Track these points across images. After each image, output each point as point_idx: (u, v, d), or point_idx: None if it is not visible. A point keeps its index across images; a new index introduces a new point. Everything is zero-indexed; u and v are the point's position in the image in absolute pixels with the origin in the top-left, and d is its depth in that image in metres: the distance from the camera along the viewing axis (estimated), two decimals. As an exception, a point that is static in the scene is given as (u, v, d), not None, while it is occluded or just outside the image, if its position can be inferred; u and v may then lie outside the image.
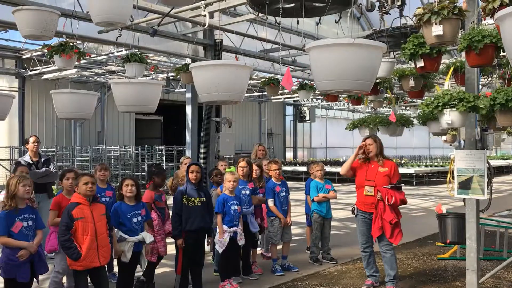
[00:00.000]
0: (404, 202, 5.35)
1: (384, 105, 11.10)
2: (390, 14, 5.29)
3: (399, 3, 5.01)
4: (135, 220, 4.86)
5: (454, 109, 4.49)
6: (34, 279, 4.36)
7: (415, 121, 8.83)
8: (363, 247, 5.57)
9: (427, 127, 7.44)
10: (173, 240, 5.30)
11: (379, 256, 5.75)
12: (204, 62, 4.74)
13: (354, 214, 5.60)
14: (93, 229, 4.23)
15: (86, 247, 4.17)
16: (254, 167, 6.23)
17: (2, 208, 4.26)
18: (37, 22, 5.01)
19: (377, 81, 7.35)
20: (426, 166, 22.49)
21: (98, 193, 5.55)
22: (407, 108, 18.41)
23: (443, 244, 7.16)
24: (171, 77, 15.77)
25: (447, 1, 4.12)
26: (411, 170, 20.01)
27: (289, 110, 27.65)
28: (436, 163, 23.94)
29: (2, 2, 6.21)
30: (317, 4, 4.66)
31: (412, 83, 6.70)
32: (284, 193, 6.35)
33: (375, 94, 7.92)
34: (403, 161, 23.08)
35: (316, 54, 3.64)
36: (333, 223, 7.64)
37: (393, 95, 9.29)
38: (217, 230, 5.54)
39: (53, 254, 5.12)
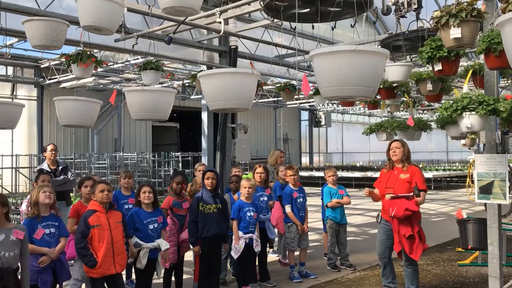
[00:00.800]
0: (411, 210, 4.87)
1: (401, 109, 11.00)
2: (406, 17, 5.23)
3: (416, 6, 4.94)
4: (151, 227, 4.88)
5: (473, 112, 4.42)
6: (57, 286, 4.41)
7: (433, 124, 8.72)
8: (379, 257, 5.42)
9: (446, 131, 7.34)
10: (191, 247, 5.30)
11: (398, 262, 5.66)
12: (212, 70, 4.78)
13: (378, 222, 5.47)
14: (109, 237, 4.26)
15: (102, 254, 4.20)
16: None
17: (26, 216, 4.35)
18: (47, 33, 5.08)
19: (394, 85, 7.28)
20: (444, 170, 22.21)
21: (121, 200, 5.62)
22: (424, 111, 18.21)
23: (463, 250, 7.04)
24: (187, 84, 15.87)
25: (465, 3, 4.06)
26: (429, 175, 19.76)
27: (305, 115, 27.58)
28: (454, 167, 23.62)
29: (20, 12, 6.32)
30: (332, 9, 4.64)
31: (429, 86, 6.63)
32: (301, 199, 6.31)
33: (392, 98, 7.84)
34: (420, 165, 22.80)
35: (319, 61, 3.68)
36: (351, 229, 7.57)
37: (410, 99, 9.19)
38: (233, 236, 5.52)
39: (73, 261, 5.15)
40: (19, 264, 3.87)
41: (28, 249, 3.98)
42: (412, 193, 4.98)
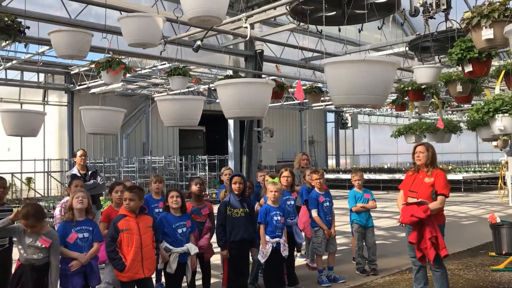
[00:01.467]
0: (416, 217, 4.77)
1: (429, 110, 10.84)
2: (435, 18, 5.16)
3: (445, 7, 4.86)
4: (180, 231, 4.92)
5: (506, 114, 4.33)
6: None
7: (462, 125, 8.55)
8: (411, 261, 5.36)
9: (476, 133, 7.18)
10: (219, 251, 5.33)
11: (428, 266, 5.56)
12: (226, 80, 4.95)
13: (402, 225, 5.39)
14: (138, 241, 4.32)
15: (130, 258, 4.27)
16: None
17: (60, 220, 4.51)
18: (72, 43, 5.23)
19: (423, 86, 7.17)
20: (474, 171, 21.68)
21: (152, 204, 5.70)
22: (453, 112, 17.85)
23: (497, 255, 6.86)
24: (213, 88, 15.99)
25: (498, 3, 3.97)
26: (459, 176, 19.35)
27: (331, 117, 27.43)
28: (485, 169, 23.05)
29: (50, 21, 6.49)
30: (359, 11, 4.61)
31: (459, 88, 6.49)
32: (327, 203, 6.25)
33: (421, 100, 7.72)
34: (450, 167, 22.35)
35: (330, 70, 3.75)
36: (379, 232, 7.47)
37: (439, 101, 9.04)
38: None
39: (104, 264, 5.25)
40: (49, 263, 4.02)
41: (59, 254, 4.10)
42: (419, 200, 4.89)
